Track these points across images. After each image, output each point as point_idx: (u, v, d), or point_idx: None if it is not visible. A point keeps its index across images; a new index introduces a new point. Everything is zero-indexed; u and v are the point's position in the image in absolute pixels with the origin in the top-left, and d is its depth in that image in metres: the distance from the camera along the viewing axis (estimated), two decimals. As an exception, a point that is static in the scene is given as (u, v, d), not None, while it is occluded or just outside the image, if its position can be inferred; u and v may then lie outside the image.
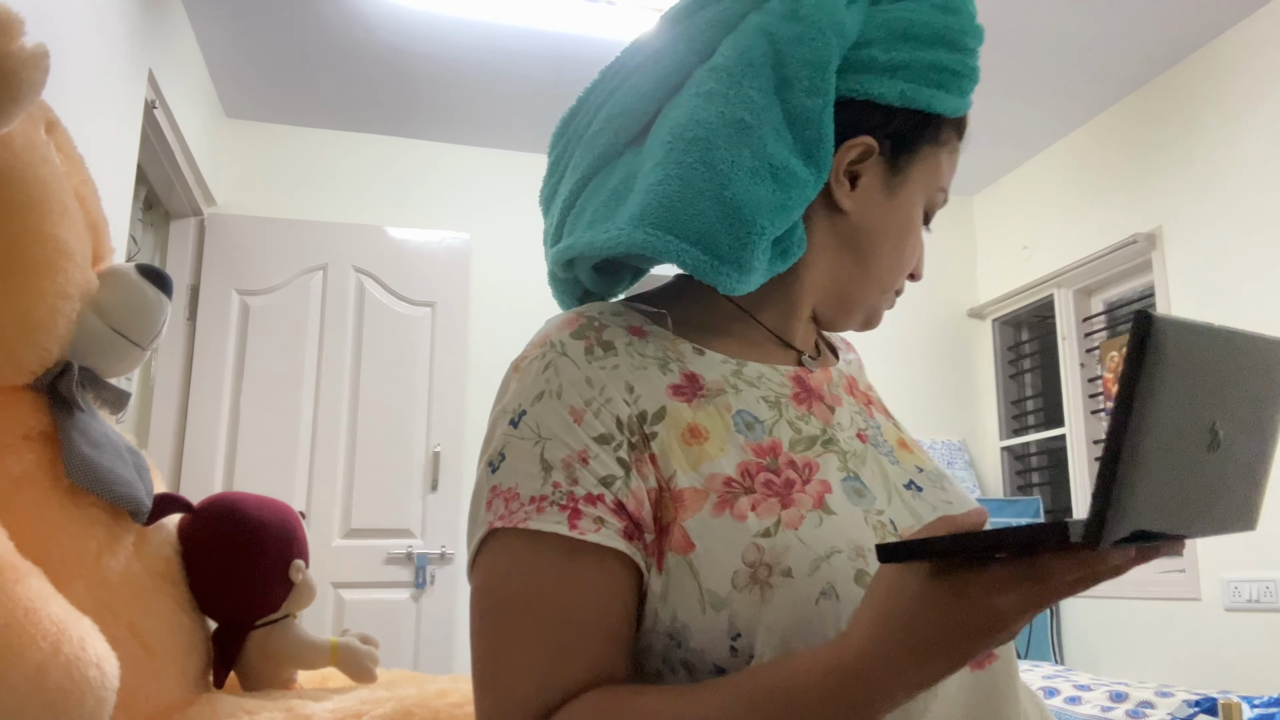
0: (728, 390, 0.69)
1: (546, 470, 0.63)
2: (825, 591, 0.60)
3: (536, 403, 0.65)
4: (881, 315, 0.80)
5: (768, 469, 0.65)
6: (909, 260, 0.77)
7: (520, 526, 0.62)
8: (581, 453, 0.63)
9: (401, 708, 1.13)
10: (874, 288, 0.77)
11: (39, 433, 1.17)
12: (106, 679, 0.92)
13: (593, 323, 0.69)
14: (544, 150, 3.91)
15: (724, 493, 0.63)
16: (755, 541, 0.61)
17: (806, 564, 0.61)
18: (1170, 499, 0.45)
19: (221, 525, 1.39)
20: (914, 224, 0.76)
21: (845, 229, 0.74)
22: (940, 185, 0.77)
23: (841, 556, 0.62)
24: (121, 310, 1.28)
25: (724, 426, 0.67)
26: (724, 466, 0.64)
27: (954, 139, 0.77)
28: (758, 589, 0.60)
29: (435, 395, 3.51)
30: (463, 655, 3.39)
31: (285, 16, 3.00)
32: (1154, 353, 0.42)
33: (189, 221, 3.43)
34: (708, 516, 0.62)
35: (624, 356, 0.68)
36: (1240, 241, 3.00)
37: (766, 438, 0.67)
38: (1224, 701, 2.15)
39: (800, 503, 0.64)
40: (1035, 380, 4.14)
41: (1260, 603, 2.82)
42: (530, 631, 0.61)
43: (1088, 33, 3.08)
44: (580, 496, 0.62)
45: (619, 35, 3.07)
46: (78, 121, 2.08)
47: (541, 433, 0.64)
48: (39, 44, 1.09)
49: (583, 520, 0.61)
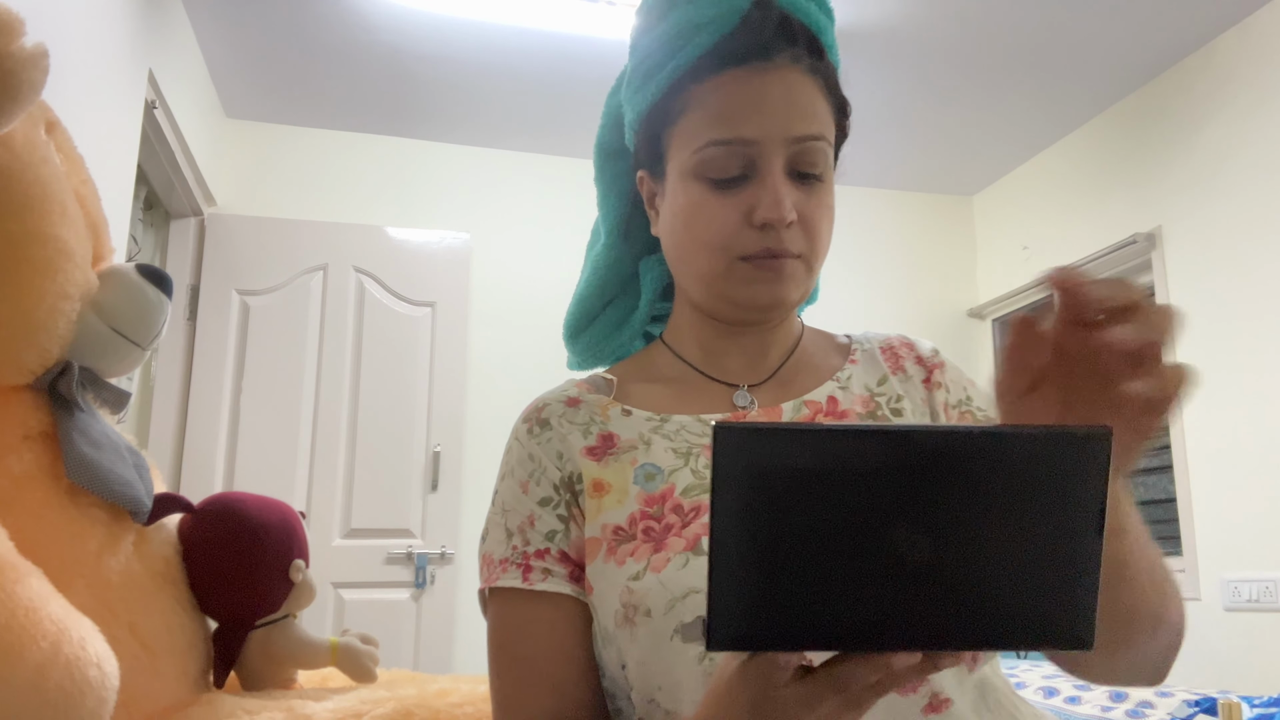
0: (639, 446, 0.76)
1: (509, 536, 0.75)
2: (677, 629, 0.65)
3: (501, 482, 0.79)
4: (755, 290, 0.74)
5: (652, 516, 0.71)
6: (705, 227, 0.73)
7: (494, 586, 0.75)
8: (530, 516, 0.75)
9: (402, 708, 1.13)
10: (698, 272, 0.75)
11: (39, 433, 1.17)
12: (107, 679, 0.92)
13: (536, 406, 0.81)
14: (544, 150, 3.91)
15: (613, 540, 0.71)
16: (627, 584, 0.68)
17: (663, 604, 0.66)
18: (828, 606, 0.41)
19: (222, 525, 1.39)
20: (687, 198, 0.74)
21: (664, 246, 0.81)
22: (697, 144, 0.73)
23: (699, 596, 0.65)
24: (122, 310, 1.28)
25: (625, 480, 0.74)
26: (617, 517, 0.72)
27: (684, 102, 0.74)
28: (628, 627, 0.67)
29: (435, 395, 3.51)
30: (462, 655, 3.39)
31: (286, 16, 3.00)
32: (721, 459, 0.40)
33: (189, 221, 3.43)
34: (600, 563, 0.71)
35: (555, 429, 0.78)
36: (1240, 241, 3.00)
37: (661, 486, 0.73)
38: (1224, 701, 2.15)
39: (671, 546, 0.69)
40: (1035, 380, 4.14)
41: (1260, 603, 2.82)
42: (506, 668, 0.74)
43: (1088, 33, 3.08)
44: (531, 553, 0.74)
45: (619, 35, 3.07)
46: (78, 121, 2.08)
47: (504, 506, 0.77)
48: (39, 44, 1.09)
49: (533, 574, 0.73)
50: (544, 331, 3.79)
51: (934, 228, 4.31)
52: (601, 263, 0.89)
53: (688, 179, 0.74)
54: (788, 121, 0.71)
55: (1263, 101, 2.94)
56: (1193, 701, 2.33)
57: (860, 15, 2.99)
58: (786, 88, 0.72)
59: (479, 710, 1.15)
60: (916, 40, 3.12)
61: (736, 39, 0.72)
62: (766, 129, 0.71)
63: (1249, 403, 2.94)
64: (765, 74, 0.71)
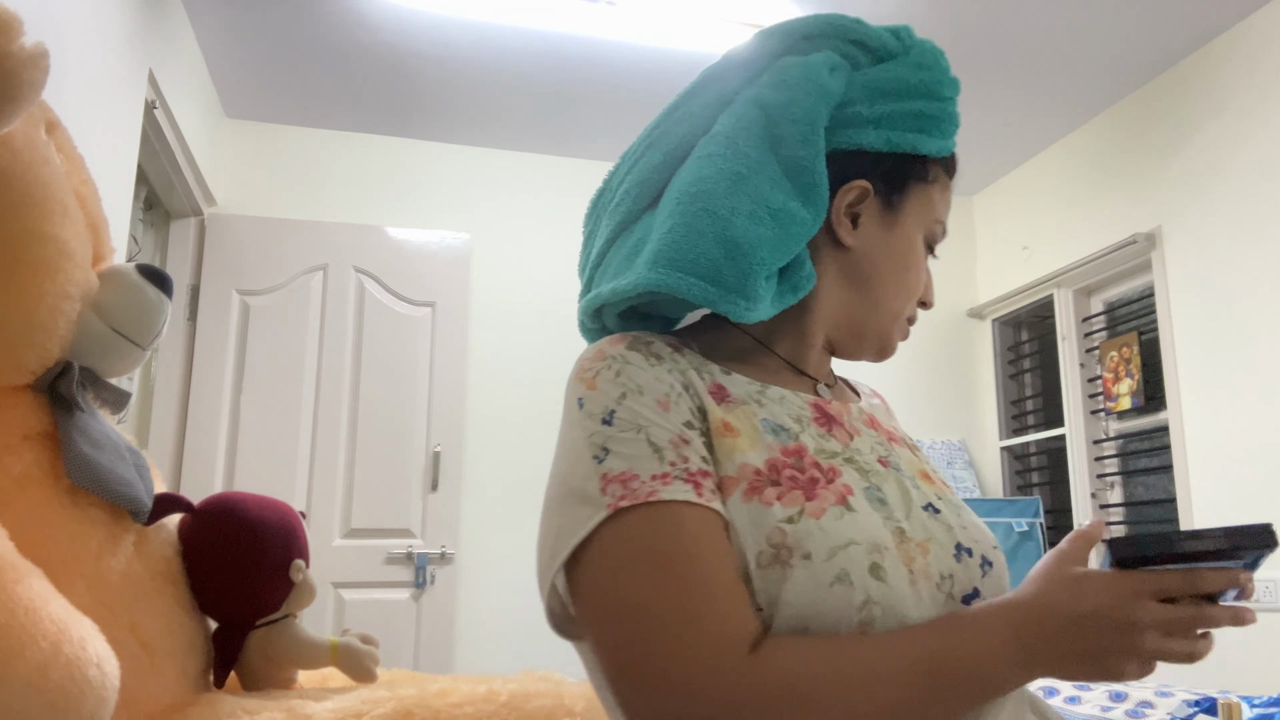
0: (751, 403, 0.76)
1: (658, 451, 0.69)
2: (840, 577, 0.66)
3: (623, 401, 0.72)
4: (895, 344, 0.87)
5: (793, 466, 0.72)
6: (913, 288, 0.85)
7: (650, 500, 0.66)
8: (680, 435, 0.71)
9: (402, 708, 1.13)
10: (882, 315, 0.84)
11: (39, 433, 1.17)
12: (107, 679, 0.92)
13: (639, 339, 0.77)
14: (544, 150, 3.92)
15: (753, 481, 0.70)
16: (780, 526, 0.68)
17: (825, 550, 0.67)
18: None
19: (222, 525, 1.39)
20: (914, 254, 0.85)
21: (850, 264, 0.83)
22: (936, 218, 0.86)
23: (859, 548, 0.68)
24: (122, 310, 1.28)
25: (752, 428, 0.74)
26: (754, 459, 0.71)
27: (943, 176, 0.87)
28: (779, 568, 0.66)
29: (435, 395, 3.51)
30: (462, 655, 3.39)
31: (286, 16, 3.00)
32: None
33: (189, 221, 3.43)
34: (739, 501, 0.69)
35: (670, 363, 0.76)
36: (1240, 241, 3.00)
37: (792, 442, 0.74)
38: (1224, 701, 2.15)
39: (823, 497, 0.70)
40: (1035, 380, 4.14)
41: (1260, 603, 2.82)
42: (685, 593, 0.64)
43: (1088, 33, 3.09)
44: (695, 471, 0.69)
45: (619, 35, 3.07)
46: (78, 121, 2.08)
47: (639, 423, 0.71)
48: (39, 44, 1.09)
49: (704, 490, 0.68)
50: (544, 331, 3.80)
51: (934, 228, 4.31)
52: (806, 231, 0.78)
53: (916, 235, 0.85)
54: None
55: (1262, 101, 2.94)
56: (1193, 701, 2.33)
57: (860, 16, 2.99)
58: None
59: (479, 710, 1.15)
60: (916, 40, 3.12)
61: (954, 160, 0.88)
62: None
63: (1249, 402, 2.94)
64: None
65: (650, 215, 0.83)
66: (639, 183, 0.84)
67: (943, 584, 0.71)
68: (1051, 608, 0.64)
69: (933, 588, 0.70)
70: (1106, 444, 3.66)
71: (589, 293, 0.86)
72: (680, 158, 0.83)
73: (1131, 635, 0.62)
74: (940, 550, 0.73)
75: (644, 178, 0.84)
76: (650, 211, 0.83)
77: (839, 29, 0.84)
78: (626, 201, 0.84)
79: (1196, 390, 3.13)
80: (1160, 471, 3.41)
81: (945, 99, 0.84)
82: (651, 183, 0.83)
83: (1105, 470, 3.64)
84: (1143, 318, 3.50)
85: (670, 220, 0.77)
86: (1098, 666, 0.63)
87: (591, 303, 0.82)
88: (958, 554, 0.74)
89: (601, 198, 0.91)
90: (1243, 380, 2.97)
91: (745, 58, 0.85)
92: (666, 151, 0.83)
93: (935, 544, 0.73)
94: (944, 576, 0.72)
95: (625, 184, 0.86)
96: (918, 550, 0.71)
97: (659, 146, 0.84)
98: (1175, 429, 3.20)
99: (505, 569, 3.53)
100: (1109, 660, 0.62)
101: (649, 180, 0.84)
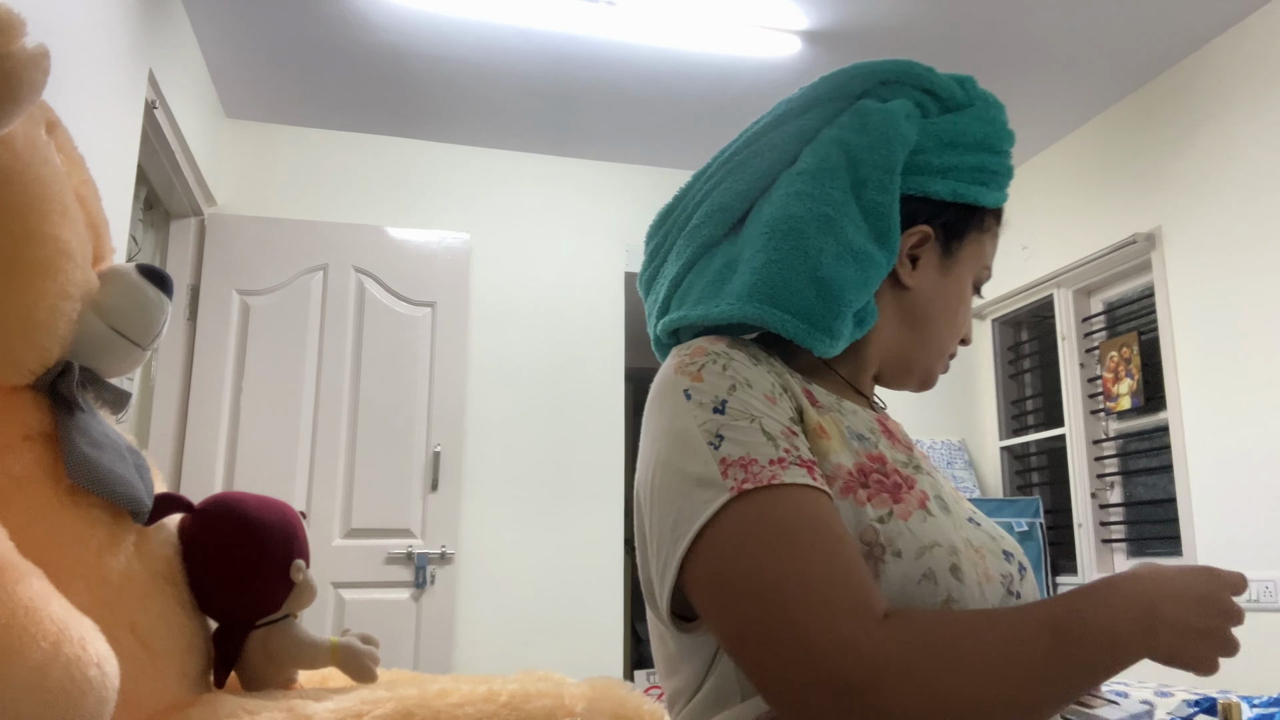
0: (835, 410, 0.81)
1: (772, 440, 0.72)
2: (926, 575, 0.71)
3: (733, 393, 0.74)
4: (936, 378, 0.93)
5: (878, 471, 0.77)
6: (961, 328, 0.92)
7: (772, 483, 0.68)
8: (788, 428, 0.74)
9: (402, 708, 1.13)
10: (931, 352, 0.90)
11: (39, 433, 1.17)
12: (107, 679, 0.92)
13: (738, 340, 0.81)
14: (544, 150, 3.92)
15: (847, 481, 0.74)
16: (872, 524, 0.72)
17: (913, 549, 0.71)
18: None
19: (222, 525, 1.39)
20: (965, 297, 0.91)
21: (908, 303, 0.88)
22: (985, 263, 0.93)
23: (941, 550, 0.73)
24: (122, 310, 1.28)
25: (840, 433, 0.78)
26: (845, 461, 0.76)
27: (995, 225, 0.93)
28: (871, 564, 0.70)
29: (435, 395, 3.51)
30: (463, 655, 3.39)
31: (285, 16, 3.00)
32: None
33: (189, 221, 3.43)
34: (837, 498, 0.73)
35: (767, 365, 0.79)
36: (1240, 241, 3.00)
37: (874, 450, 0.79)
38: (1224, 701, 2.15)
39: (907, 501, 0.75)
40: (1035, 380, 4.14)
41: (1260, 603, 2.82)
42: (822, 566, 0.66)
43: (1088, 33, 3.09)
44: (806, 459, 0.72)
45: (619, 35, 3.07)
46: (78, 121, 2.08)
47: (752, 413, 0.73)
48: (40, 44, 1.09)
49: (817, 476, 0.71)
50: (544, 331, 3.80)
51: (934, 228, 4.31)
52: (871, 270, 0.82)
53: (967, 279, 0.91)
54: None
55: (1262, 101, 2.94)
56: (1193, 701, 2.33)
57: (860, 16, 2.99)
58: None
59: (479, 710, 1.15)
60: (916, 41, 3.12)
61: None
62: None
63: (1249, 403, 2.94)
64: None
65: (732, 242, 0.87)
66: (720, 208, 0.88)
67: (1004, 582, 0.77)
68: (1173, 582, 0.70)
69: (998, 587, 0.76)
70: (1106, 444, 3.66)
71: (665, 309, 0.90)
72: (762, 188, 0.87)
73: (1230, 621, 0.70)
74: (993, 555, 0.78)
75: (725, 204, 0.87)
76: (731, 238, 0.87)
77: (914, 77, 0.89)
78: (708, 226, 0.88)
79: (1196, 390, 3.13)
80: (1160, 471, 3.41)
81: (1003, 152, 0.90)
82: (733, 209, 0.87)
83: (1105, 470, 3.64)
84: (1143, 318, 3.50)
85: (763, 255, 0.81)
86: (1206, 645, 0.69)
87: (676, 323, 0.86)
88: (1006, 558, 0.80)
89: (672, 213, 0.94)
90: (1243, 380, 2.97)
91: (826, 95, 0.89)
92: (749, 180, 0.87)
93: (988, 550, 0.78)
94: (1004, 576, 0.77)
95: (704, 207, 0.89)
96: (978, 555, 0.76)
97: (740, 174, 0.88)
98: (1175, 429, 3.20)
99: (505, 569, 3.53)
100: (1214, 640, 0.69)
101: (730, 207, 0.87)
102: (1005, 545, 0.82)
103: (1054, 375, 3.87)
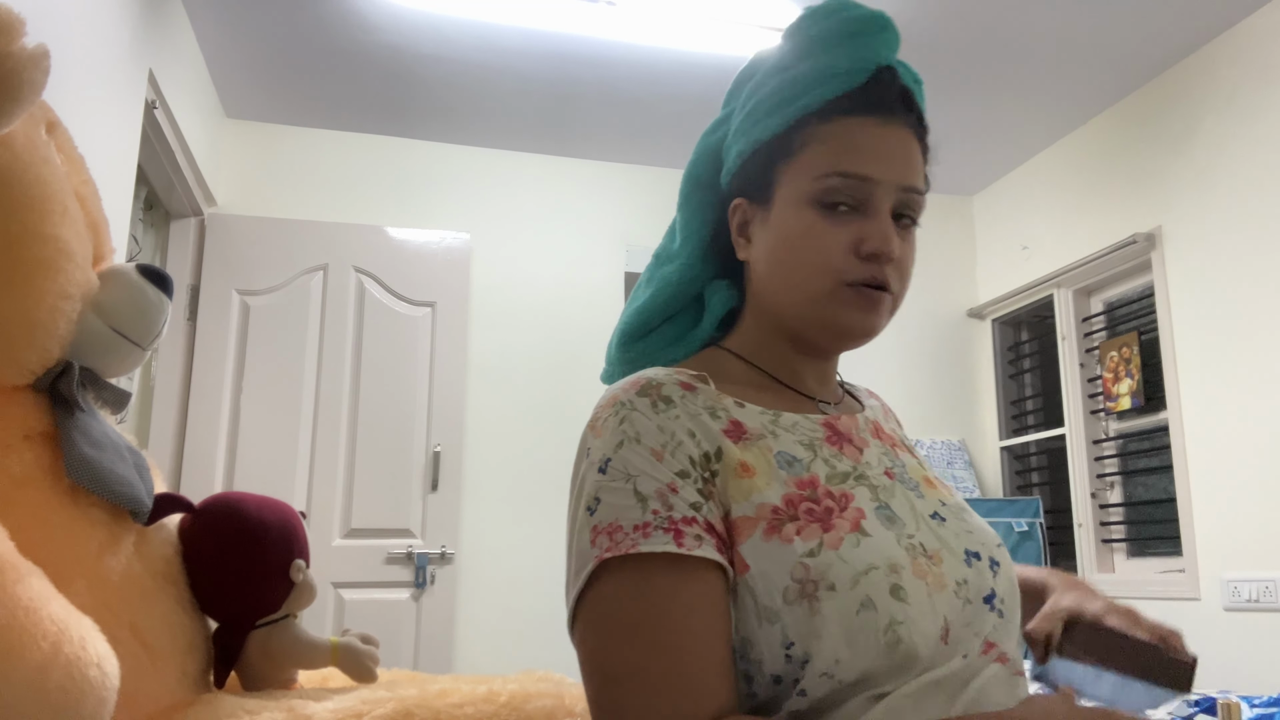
0: (767, 435, 0.78)
1: (642, 501, 0.71)
2: (864, 604, 0.69)
3: (619, 449, 0.74)
4: (846, 317, 0.82)
5: (808, 499, 0.74)
6: (816, 257, 0.81)
7: (630, 553, 0.69)
8: (670, 484, 0.72)
9: (402, 708, 1.13)
10: (799, 299, 0.83)
11: (39, 433, 1.17)
12: (107, 679, 0.92)
13: (652, 383, 0.78)
14: (544, 150, 3.91)
15: (772, 519, 0.72)
16: (801, 561, 0.70)
17: (848, 579, 0.69)
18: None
19: (222, 525, 1.39)
20: (801, 227, 0.82)
21: (754, 273, 0.87)
22: (819, 174, 0.81)
23: (878, 573, 0.70)
24: (122, 310, 1.28)
25: (768, 464, 0.76)
26: (770, 497, 0.73)
27: (807, 137, 0.82)
28: (806, 602, 0.69)
29: (435, 395, 3.51)
30: (463, 655, 3.39)
31: (285, 17, 3.00)
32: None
33: (189, 221, 3.43)
34: (759, 541, 0.71)
35: (681, 407, 0.77)
36: (1240, 241, 3.00)
37: (805, 473, 0.77)
38: (1224, 701, 2.15)
39: (839, 527, 0.73)
40: (1035, 380, 4.14)
41: (1260, 603, 2.82)
42: (653, 661, 0.67)
43: (1088, 33, 3.08)
44: (678, 519, 0.70)
45: (619, 35, 3.07)
46: (78, 121, 2.08)
47: (630, 471, 0.73)
48: (40, 44, 1.09)
49: (686, 538, 0.69)
50: (544, 331, 3.80)
51: (934, 228, 4.31)
52: (673, 280, 0.92)
53: (801, 206, 0.82)
54: (903, 171, 0.82)
55: (1262, 101, 2.94)
56: (1193, 701, 2.33)
57: (860, 15, 2.99)
58: (904, 143, 0.83)
59: (479, 710, 1.15)
60: (916, 41, 3.12)
61: (868, 92, 0.82)
62: (885, 173, 0.81)
63: (1249, 403, 2.94)
64: (888, 127, 0.82)
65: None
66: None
67: (960, 590, 0.74)
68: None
69: (950, 596, 0.73)
70: (1106, 444, 3.66)
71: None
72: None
73: None
74: (951, 557, 0.76)
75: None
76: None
77: (737, 84, 0.93)
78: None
79: (1196, 390, 3.13)
80: (1160, 471, 3.41)
81: (784, 69, 0.85)
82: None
83: (1105, 470, 3.64)
84: (1143, 318, 3.50)
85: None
86: None
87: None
88: (968, 560, 0.77)
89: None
90: (1243, 380, 2.97)
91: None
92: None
93: (946, 552, 0.76)
94: (959, 583, 0.75)
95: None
96: (931, 562, 0.74)
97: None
98: (1175, 429, 3.20)
99: (505, 569, 3.53)
100: None
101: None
102: (971, 544, 0.79)
103: (1054, 375, 3.87)
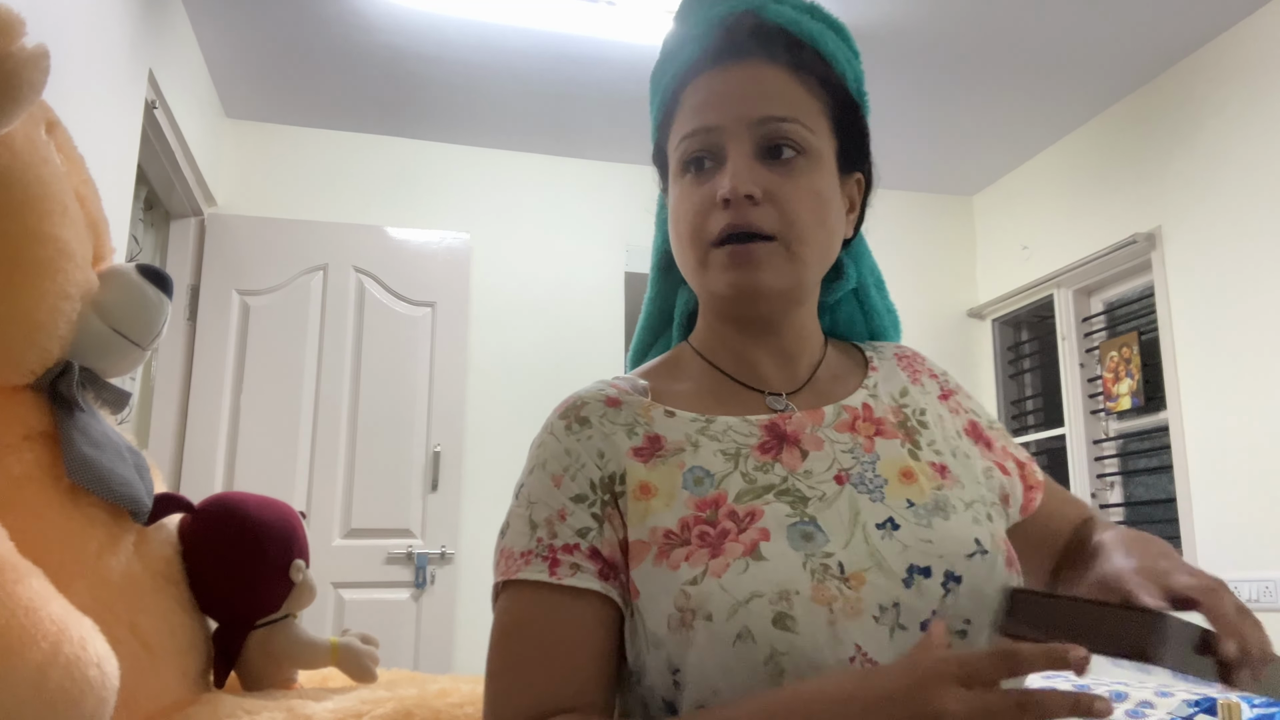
0: (686, 449, 0.76)
1: (533, 529, 0.74)
2: (741, 634, 0.66)
3: (529, 475, 0.77)
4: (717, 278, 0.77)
5: (706, 521, 0.72)
6: (684, 220, 0.79)
7: (514, 578, 0.72)
8: (560, 510, 0.74)
9: (402, 708, 1.13)
10: (688, 270, 0.81)
11: (39, 433, 1.17)
12: (107, 679, 0.92)
13: (576, 403, 0.79)
14: (544, 150, 3.91)
15: (663, 544, 0.71)
16: (684, 588, 0.68)
17: (725, 609, 0.67)
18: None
19: (222, 525, 1.39)
20: (674, 197, 0.81)
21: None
22: (677, 141, 0.80)
23: (762, 601, 0.67)
24: (122, 310, 1.28)
25: (672, 485, 0.74)
26: (666, 520, 0.72)
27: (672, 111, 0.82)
28: (684, 631, 0.67)
29: (435, 395, 3.51)
30: (463, 655, 3.39)
31: (286, 17, 3.00)
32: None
33: (189, 221, 3.43)
34: (649, 566, 0.71)
35: (597, 428, 0.77)
36: (1240, 241, 3.00)
37: (712, 491, 0.74)
38: (1224, 701, 2.15)
39: (729, 551, 0.69)
40: (1035, 380, 4.14)
41: (1260, 603, 2.82)
42: (521, 656, 0.71)
43: (1088, 33, 3.09)
44: (559, 547, 0.72)
45: (619, 35, 3.07)
46: (78, 121, 2.08)
47: (530, 499, 0.76)
48: (40, 44, 1.09)
49: (560, 568, 0.71)
50: (544, 331, 3.80)
51: (934, 228, 4.31)
52: (648, 299, 0.95)
53: (675, 180, 0.80)
54: (750, 105, 0.76)
55: (1262, 101, 2.94)
56: (1193, 701, 2.33)
57: (860, 16, 2.99)
58: (751, 77, 0.78)
59: (479, 710, 1.15)
60: (916, 40, 3.12)
61: (715, 45, 0.80)
62: (727, 114, 0.76)
63: (1249, 403, 2.94)
64: (732, 69, 0.78)
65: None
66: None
67: (883, 616, 0.67)
68: (840, 697, 0.59)
69: (867, 622, 0.67)
70: (1106, 444, 3.66)
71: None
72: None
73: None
74: (882, 577, 0.68)
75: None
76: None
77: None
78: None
79: (1196, 390, 3.13)
80: (1160, 471, 3.41)
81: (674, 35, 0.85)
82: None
83: (1105, 470, 3.64)
84: (1143, 318, 3.50)
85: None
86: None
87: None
88: (908, 578, 0.69)
89: None
90: (1243, 380, 2.97)
91: None
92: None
93: (876, 571, 0.69)
94: (884, 608, 0.67)
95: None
96: (845, 585, 0.67)
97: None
98: (1175, 429, 3.20)
99: (505, 569, 3.53)
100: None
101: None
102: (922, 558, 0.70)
103: (1054, 375, 3.87)
